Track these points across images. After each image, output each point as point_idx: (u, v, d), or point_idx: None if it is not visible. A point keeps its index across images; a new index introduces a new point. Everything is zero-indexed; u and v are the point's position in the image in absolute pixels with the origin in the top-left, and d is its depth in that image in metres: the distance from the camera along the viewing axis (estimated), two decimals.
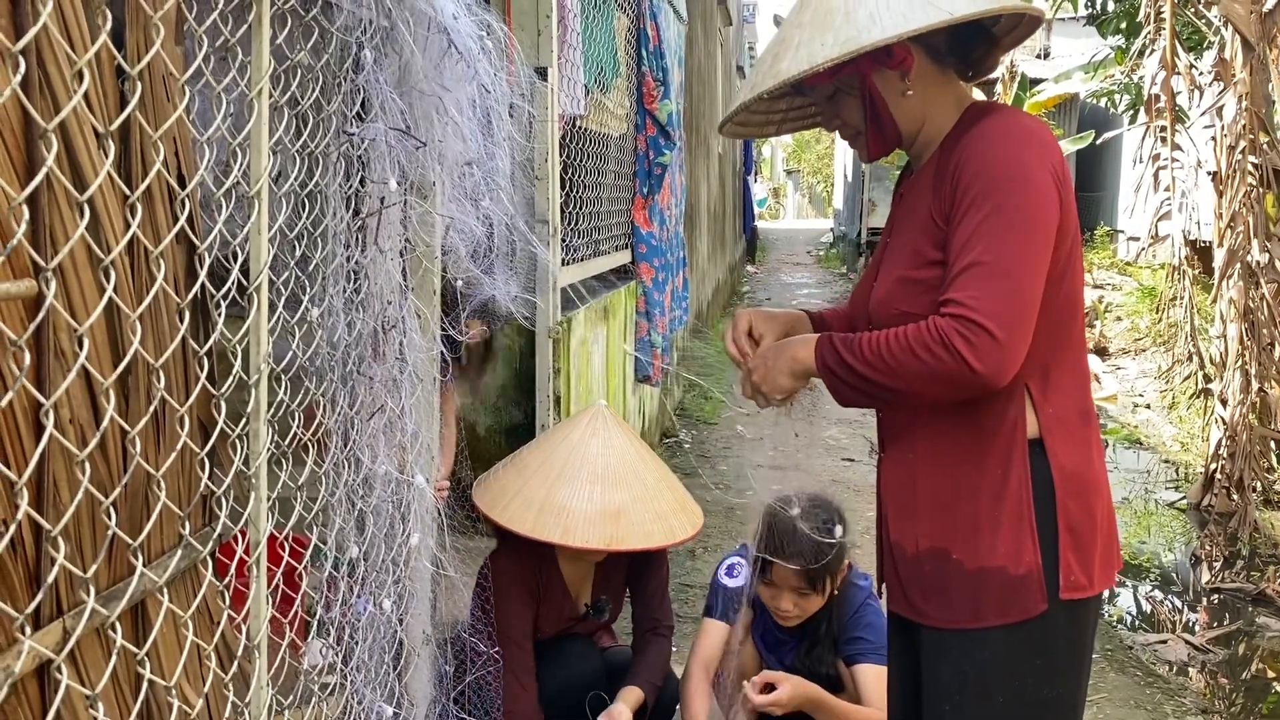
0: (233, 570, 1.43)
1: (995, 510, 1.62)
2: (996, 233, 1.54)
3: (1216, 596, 4.67)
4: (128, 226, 1.18)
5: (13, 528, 0.95)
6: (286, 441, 1.55)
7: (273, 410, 1.47)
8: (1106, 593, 4.70)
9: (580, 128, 4.34)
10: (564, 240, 3.90)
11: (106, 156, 1.05)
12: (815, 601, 2.58)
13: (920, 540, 1.70)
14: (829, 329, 1.87)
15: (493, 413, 3.87)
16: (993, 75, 1.84)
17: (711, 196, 12.17)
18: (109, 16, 1.03)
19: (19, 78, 0.88)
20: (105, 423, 1.08)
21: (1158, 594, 4.84)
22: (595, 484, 2.49)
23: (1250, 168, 5.35)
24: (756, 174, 26.16)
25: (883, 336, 1.59)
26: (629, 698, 2.53)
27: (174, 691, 1.21)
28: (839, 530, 2.52)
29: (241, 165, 1.36)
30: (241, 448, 1.39)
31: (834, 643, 2.64)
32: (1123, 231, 14.57)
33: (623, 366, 5.14)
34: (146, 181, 1.13)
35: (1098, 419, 1.75)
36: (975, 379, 1.51)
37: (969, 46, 1.72)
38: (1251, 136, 5.36)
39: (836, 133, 1.85)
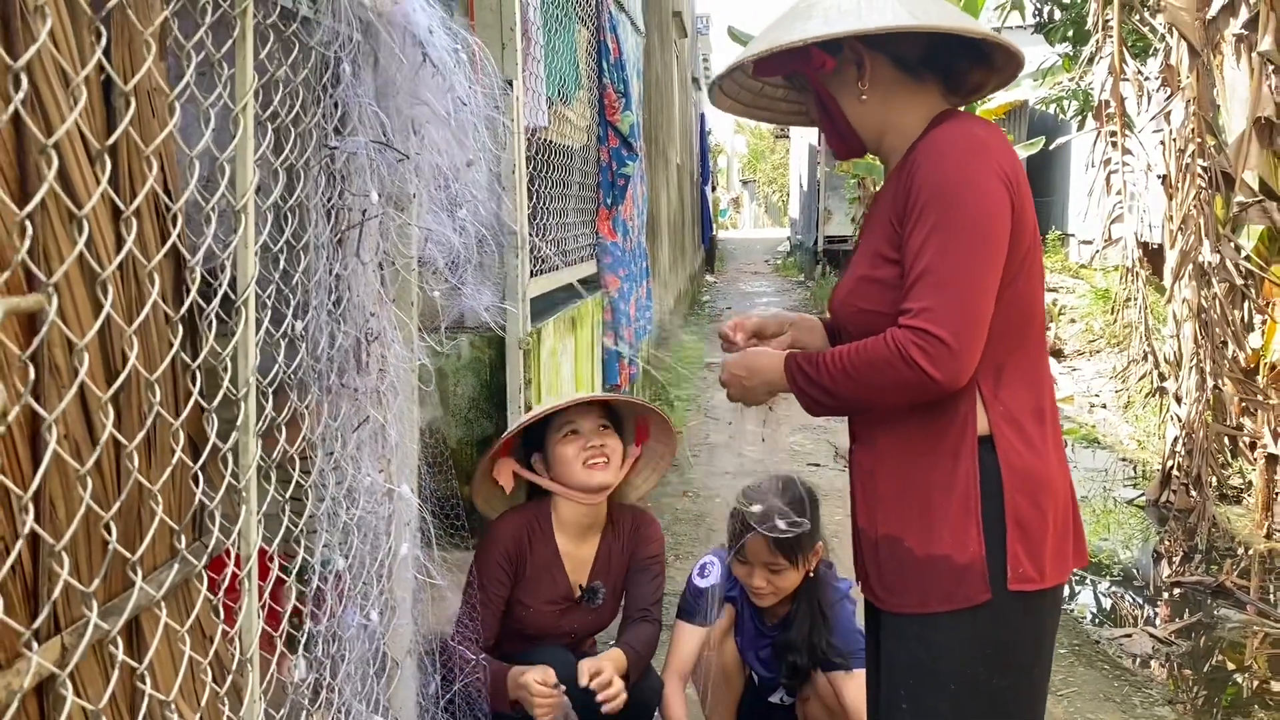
0: (224, 585, 1.43)
1: (944, 502, 1.69)
2: (946, 241, 1.60)
3: (1177, 590, 4.77)
4: (116, 241, 1.18)
5: (19, 544, 0.95)
6: (273, 456, 1.55)
7: (260, 424, 1.47)
8: (1073, 588, 4.77)
9: (543, 139, 4.35)
10: (532, 251, 3.91)
11: (103, 173, 1.05)
12: (789, 578, 2.62)
13: (879, 528, 1.78)
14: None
15: (464, 424, 3.86)
16: None
17: (671, 207, 12.22)
18: (103, 33, 1.04)
19: (21, 94, 0.88)
20: (104, 438, 1.08)
21: (1121, 589, 4.93)
22: (568, 394, 2.67)
23: (1200, 170, 5.48)
24: (714, 185, 26.30)
25: (844, 352, 1.69)
26: (610, 655, 2.55)
27: (172, 706, 1.21)
28: (807, 506, 2.56)
29: (227, 180, 1.36)
30: (231, 461, 1.39)
31: (812, 631, 2.66)
32: (1074, 235, 14.80)
33: (591, 376, 5.15)
34: (140, 197, 1.13)
35: (1057, 418, 1.81)
36: (934, 386, 1.60)
37: (948, 62, 1.75)
38: (1199, 140, 5.49)
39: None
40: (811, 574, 2.68)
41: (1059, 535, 1.73)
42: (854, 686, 2.52)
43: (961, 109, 1.79)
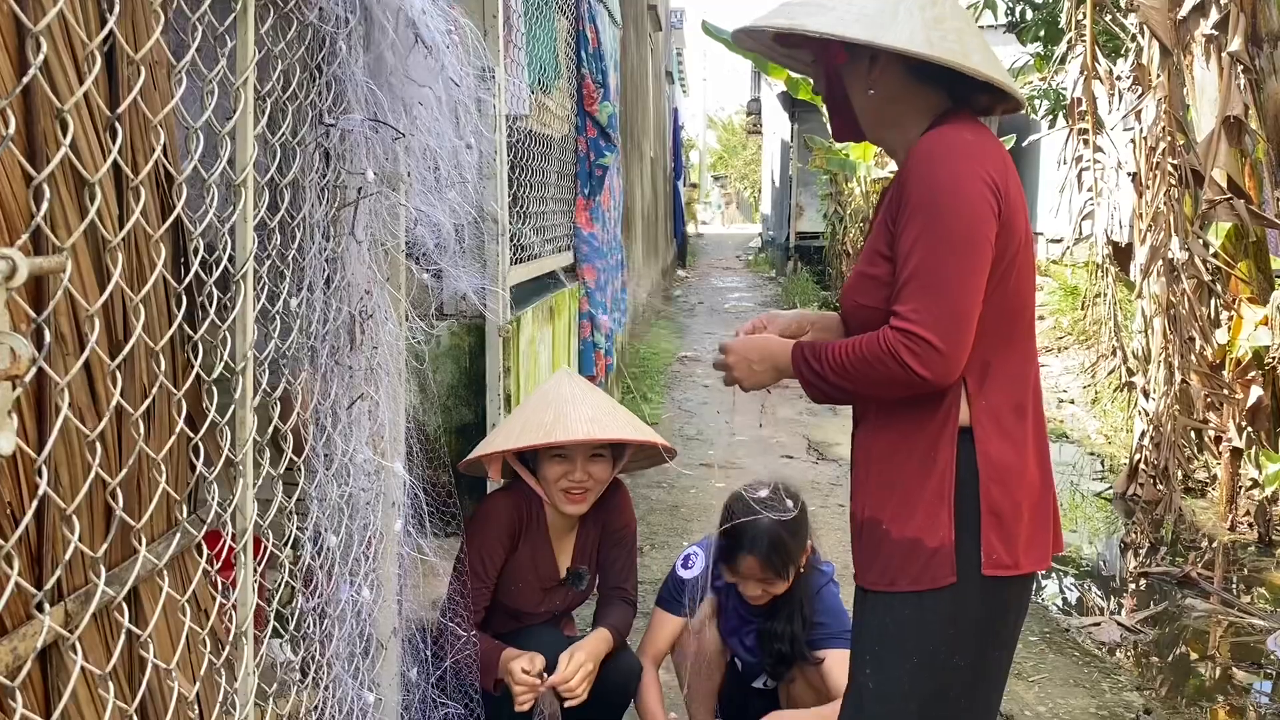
0: (218, 559, 1.43)
1: (921, 488, 1.77)
2: (931, 245, 1.67)
3: (1144, 580, 4.85)
4: (119, 211, 1.19)
5: (32, 506, 0.95)
6: (267, 434, 1.55)
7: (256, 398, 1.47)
8: (1040, 579, 4.84)
9: (522, 128, 4.35)
10: (512, 239, 3.91)
11: (114, 141, 1.06)
12: (781, 585, 2.66)
13: (865, 509, 1.86)
14: None
15: (442, 412, 3.87)
16: None
17: (645, 200, 12.24)
18: (115, 3, 1.04)
19: (40, 58, 0.89)
20: (112, 406, 1.09)
21: (1090, 579, 5.01)
22: (570, 403, 2.63)
23: (1169, 168, 5.56)
24: (686, 179, 26.33)
25: (844, 347, 1.76)
26: (596, 638, 2.57)
27: (174, 674, 1.22)
28: (794, 514, 2.60)
29: (226, 154, 1.36)
30: (229, 434, 1.39)
31: (791, 621, 2.69)
32: (1042, 233, 14.95)
33: (568, 366, 5.16)
34: (148, 168, 1.14)
35: (1040, 413, 1.87)
36: (923, 384, 1.68)
37: (956, 83, 1.79)
38: (1170, 138, 5.57)
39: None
40: (802, 570, 2.72)
41: (1035, 525, 1.81)
42: (839, 666, 2.55)
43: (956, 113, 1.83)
